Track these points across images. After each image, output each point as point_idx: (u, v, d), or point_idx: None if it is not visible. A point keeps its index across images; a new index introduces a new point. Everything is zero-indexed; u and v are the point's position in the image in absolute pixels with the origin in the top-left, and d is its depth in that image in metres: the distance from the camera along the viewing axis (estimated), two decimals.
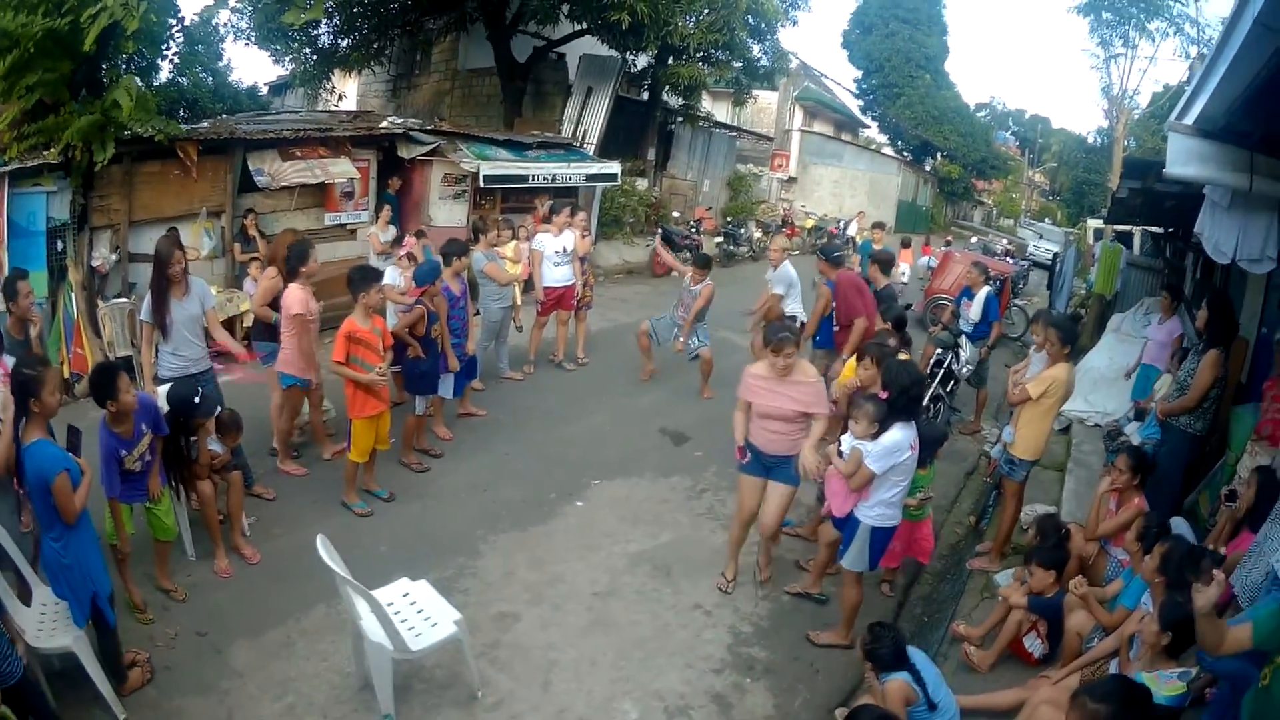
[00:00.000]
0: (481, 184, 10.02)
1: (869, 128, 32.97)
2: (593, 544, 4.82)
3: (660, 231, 13.74)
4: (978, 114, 34.77)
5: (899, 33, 27.68)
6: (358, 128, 9.41)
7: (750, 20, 13.75)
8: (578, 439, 6.30)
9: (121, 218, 7.00)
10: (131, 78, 6.92)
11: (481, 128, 12.28)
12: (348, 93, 18.21)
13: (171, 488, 4.01)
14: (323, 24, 13.59)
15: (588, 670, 3.74)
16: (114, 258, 6.97)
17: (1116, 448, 5.23)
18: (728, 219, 17.26)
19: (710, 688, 3.72)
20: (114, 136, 6.43)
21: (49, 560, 3.11)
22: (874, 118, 31.12)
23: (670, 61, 13.46)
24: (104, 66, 6.92)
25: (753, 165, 22.20)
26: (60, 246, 6.43)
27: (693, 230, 14.72)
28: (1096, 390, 7.40)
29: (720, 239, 15.27)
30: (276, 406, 5.24)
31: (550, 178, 10.83)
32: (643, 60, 14.22)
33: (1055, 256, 15.44)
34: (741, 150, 21.68)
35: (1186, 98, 3.42)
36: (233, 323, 7.10)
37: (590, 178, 11.81)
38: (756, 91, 17.17)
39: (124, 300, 6.82)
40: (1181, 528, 3.87)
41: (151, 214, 7.24)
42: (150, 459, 3.70)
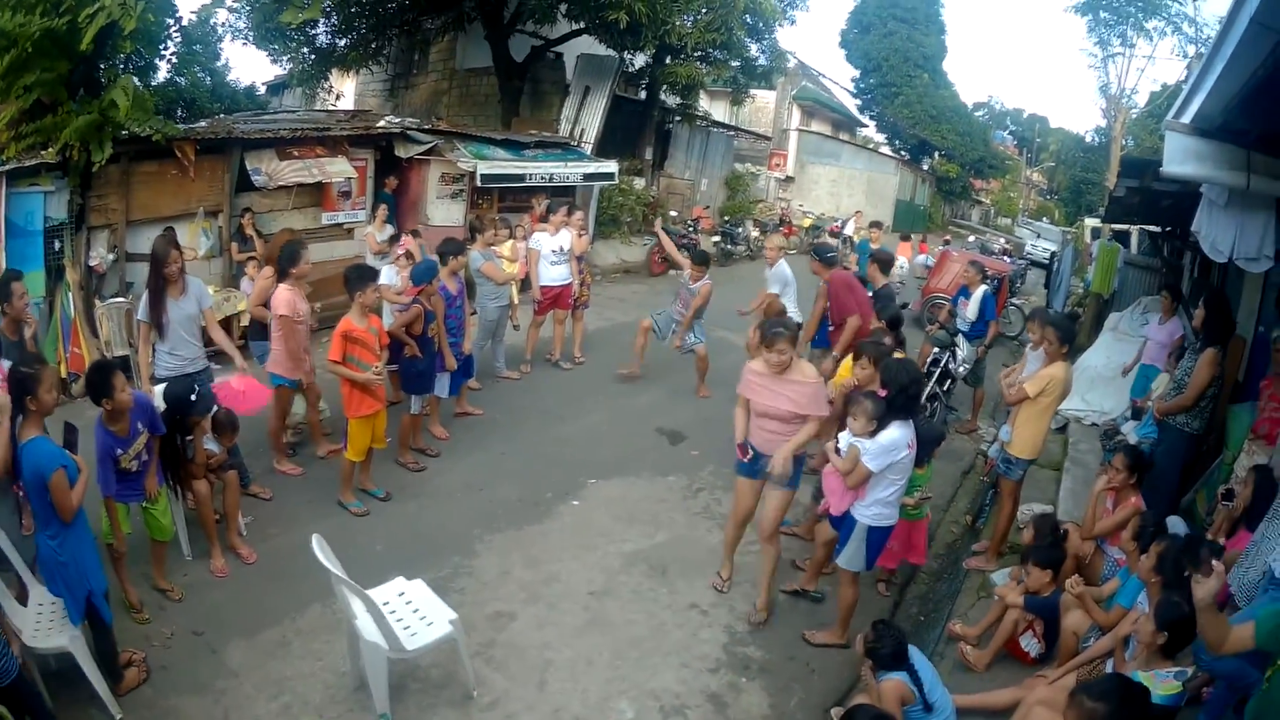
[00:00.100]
0: (479, 183, 10.02)
1: (867, 127, 33.00)
2: (589, 543, 4.82)
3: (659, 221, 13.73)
4: (975, 113, 34.77)
5: (897, 32, 27.72)
6: (355, 127, 9.39)
7: (748, 19, 13.75)
8: (574, 438, 6.29)
9: (119, 217, 6.99)
10: (129, 77, 6.92)
11: (479, 127, 12.29)
12: (345, 92, 18.23)
13: (169, 487, 4.01)
14: (320, 23, 13.58)
15: (583, 669, 3.74)
16: (111, 257, 6.96)
17: (1113, 447, 5.22)
18: (725, 218, 17.25)
19: (706, 687, 3.71)
20: (111, 136, 6.42)
21: (45, 557, 3.11)
22: (872, 117, 31.18)
23: (668, 61, 13.45)
24: (102, 66, 6.92)
25: (750, 164, 22.17)
26: (58, 246, 6.42)
27: (690, 229, 14.71)
28: (1094, 389, 7.40)
29: (718, 238, 15.26)
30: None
31: (548, 177, 10.83)
32: (640, 59, 14.20)
33: (1053, 255, 15.40)
34: (739, 149, 21.66)
35: (1184, 96, 3.43)
36: (230, 322, 7.09)
37: (588, 177, 11.81)
38: (754, 91, 17.19)
39: (121, 300, 6.80)
40: (1178, 527, 3.87)
41: (149, 213, 7.22)
42: (147, 459, 3.70)
